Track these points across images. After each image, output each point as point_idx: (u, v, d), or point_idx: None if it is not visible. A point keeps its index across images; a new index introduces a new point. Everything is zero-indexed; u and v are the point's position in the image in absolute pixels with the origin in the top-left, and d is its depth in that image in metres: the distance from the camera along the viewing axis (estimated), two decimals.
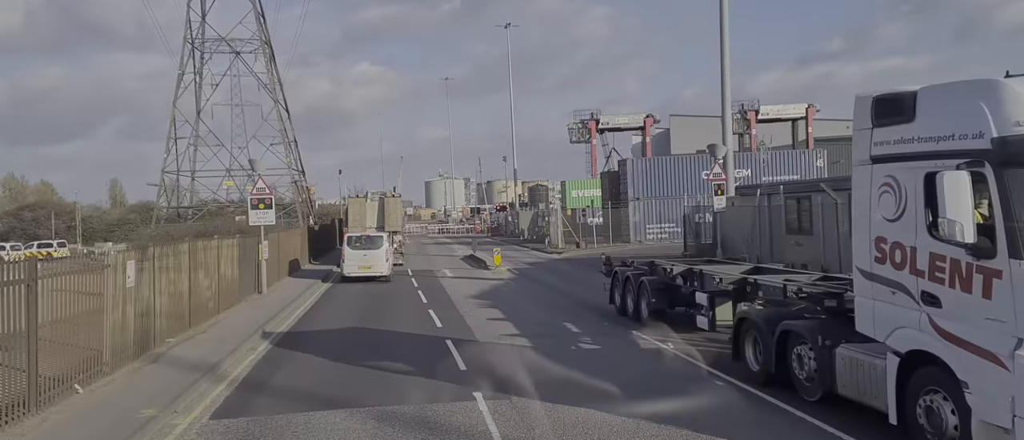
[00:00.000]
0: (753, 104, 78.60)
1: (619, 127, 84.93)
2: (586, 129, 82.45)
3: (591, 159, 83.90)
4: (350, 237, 31.21)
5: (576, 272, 32.61)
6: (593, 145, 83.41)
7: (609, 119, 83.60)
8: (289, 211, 55.54)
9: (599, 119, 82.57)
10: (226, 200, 56.42)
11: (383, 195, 39.10)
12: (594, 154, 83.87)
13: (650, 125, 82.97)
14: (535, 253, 45.61)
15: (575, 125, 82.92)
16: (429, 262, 41.05)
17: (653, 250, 41.69)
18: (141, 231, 46.32)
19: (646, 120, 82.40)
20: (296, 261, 34.93)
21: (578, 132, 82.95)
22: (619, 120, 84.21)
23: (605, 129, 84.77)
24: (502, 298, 23.83)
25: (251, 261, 24.38)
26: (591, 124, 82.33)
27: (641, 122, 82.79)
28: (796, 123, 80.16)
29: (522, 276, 31.54)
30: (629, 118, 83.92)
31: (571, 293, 24.47)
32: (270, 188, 25.21)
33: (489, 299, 23.52)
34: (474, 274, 32.96)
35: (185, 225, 47.11)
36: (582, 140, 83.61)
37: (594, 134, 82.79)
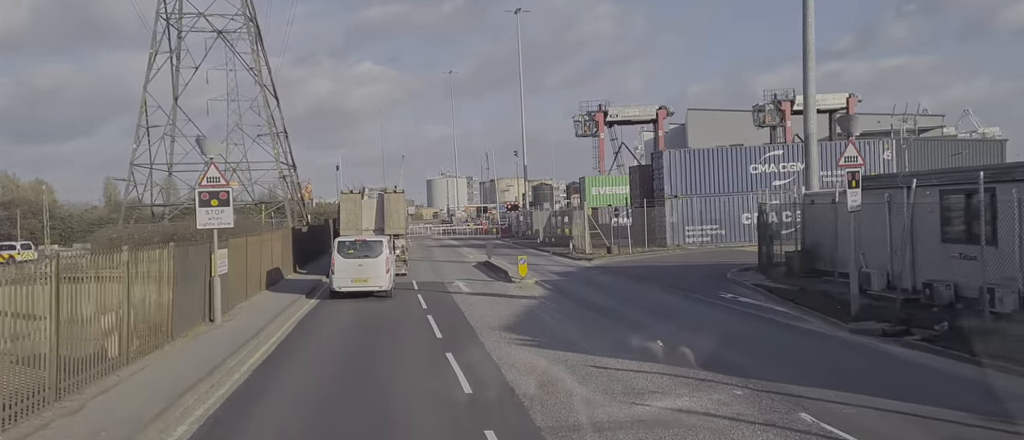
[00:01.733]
0: (788, 93, 71.73)
1: (629, 120, 77.95)
2: (593, 122, 75.53)
3: (599, 154, 77.08)
4: (341, 242, 24.42)
5: (624, 287, 25.77)
6: (601, 139, 76.50)
7: (618, 111, 76.60)
8: (279, 210, 48.81)
9: (607, 111, 75.63)
10: None
11: (383, 191, 32.28)
12: (602, 149, 76.96)
13: (663, 118, 76.03)
14: (559, 260, 38.79)
15: (581, 117, 75.93)
16: (437, 271, 34.22)
17: (702, 258, 34.91)
18: (98, 234, 39.49)
19: (659, 112, 75.41)
20: (276, 271, 28.13)
21: (584, 125, 75.95)
22: (629, 112, 77.20)
23: (614, 122, 77.80)
24: (548, 332, 16.99)
25: (199, 278, 17.57)
26: (598, 116, 75.38)
27: (653, 114, 75.84)
28: (834, 114, 73.30)
29: (557, 292, 24.71)
30: (640, 110, 76.91)
31: (646, 323, 17.61)
32: (225, 178, 18.24)
33: (530, 333, 16.70)
34: (495, 289, 26.15)
35: (157, 226, 40.24)
36: (589, 134, 76.70)
37: (602, 127, 75.93)
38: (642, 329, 16.13)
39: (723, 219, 40.96)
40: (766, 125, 73.21)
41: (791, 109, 72.12)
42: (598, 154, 77.36)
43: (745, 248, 38.61)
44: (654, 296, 22.66)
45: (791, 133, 71.82)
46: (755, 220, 40.96)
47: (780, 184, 40.77)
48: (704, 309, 19.60)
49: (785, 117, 72.23)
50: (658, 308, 20.03)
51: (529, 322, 18.32)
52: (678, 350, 13.10)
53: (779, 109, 72.82)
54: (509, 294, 24.37)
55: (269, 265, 26.82)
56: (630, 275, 29.23)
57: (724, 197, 41.04)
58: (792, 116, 72.32)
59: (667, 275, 28.19)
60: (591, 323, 17.86)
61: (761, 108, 73.64)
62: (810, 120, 25.71)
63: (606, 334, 16.10)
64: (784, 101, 72.40)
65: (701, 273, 28.22)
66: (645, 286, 25.49)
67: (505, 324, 17.95)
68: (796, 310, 17.98)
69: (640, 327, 16.40)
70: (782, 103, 72.52)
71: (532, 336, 16.14)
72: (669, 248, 40.27)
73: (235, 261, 20.90)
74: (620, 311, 19.78)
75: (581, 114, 76.37)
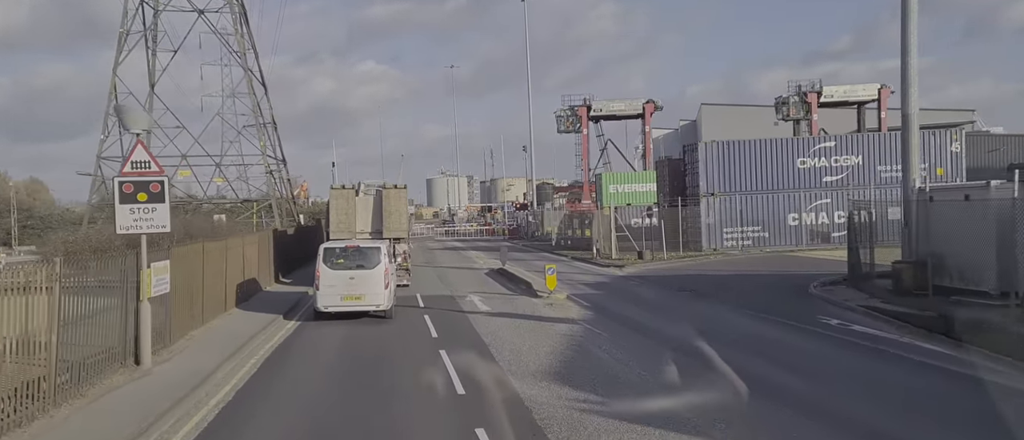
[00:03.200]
0: (814, 85, 66.35)
1: (614, 114, 72.46)
2: (576, 117, 70.18)
3: (583, 151, 71.86)
4: (328, 249, 19.11)
5: (682, 305, 20.45)
6: (584, 136, 71.14)
7: (603, 106, 71.10)
8: (267, 209, 43.50)
9: (591, 106, 70.30)
10: (185, 194, 44.38)
11: (381, 187, 27.01)
12: (585, 146, 71.65)
13: (651, 112, 70.62)
14: (584, 266, 33.50)
15: (564, 112, 70.50)
16: (444, 280, 28.91)
17: (753, 265, 29.62)
18: (54, 237, 34.18)
19: (646, 106, 69.96)
20: (251, 283, 22.83)
21: (567, 120, 70.41)
22: (615, 106, 71.66)
23: (599, 117, 72.48)
24: (616, 383, 11.70)
25: (118, 303, 12.28)
26: (582, 111, 69.94)
27: (640, 109, 70.45)
28: (863, 107, 67.98)
29: (600, 314, 19.37)
30: (626, 104, 71.43)
31: (753, 370, 12.27)
32: (158, 164, 12.83)
33: (590, 386, 11.42)
34: (520, 307, 20.83)
35: None
36: (571, 130, 71.40)
37: (585, 123, 70.65)
38: (758, 384, 10.84)
39: (766, 220, 35.69)
40: (790, 119, 67.77)
41: (817, 101, 66.72)
42: (582, 151, 72.19)
43: (796, 253, 33.37)
44: (731, 321, 17.36)
45: (817, 127, 66.52)
46: (802, 221, 35.87)
47: (832, 180, 35.53)
48: (819, 345, 14.28)
49: (811, 110, 66.78)
50: (752, 342, 14.72)
51: (583, 365, 13.02)
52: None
53: (804, 101, 67.43)
54: (539, 315, 19.05)
55: (240, 276, 21.50)
56: (677, 287, 23.94)
57: (766, 195, 35.78)
58: (819, 109, 67.05)
59: (725, 289, 22.90)
60: (671, 369, 12.54)
61: (784, 101, 68.20)
62: (911, 97, 20.38)
63: (705, 390, 10.79)
64: (810, 93, 67.01)
65: (768, 286, 22.95)
66: (708, 304, 20.19)
67: (550, 368, 12.66)
68: (956, 350, 12.68)
69: (751, 379, 11.08)
70: (808, 95, 67.12)
71: (595, 392, 10.84)
72: (706, 253, 34.97)
73: (185, 275, 15.62)
74: (700, 346, 14.44)
75: (564, 109, 71.10)
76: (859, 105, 68.01)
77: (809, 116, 66.22)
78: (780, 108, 68.61)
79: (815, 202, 35.46)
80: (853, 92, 66.94)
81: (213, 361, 13.27)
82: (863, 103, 67.64)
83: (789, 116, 67.40)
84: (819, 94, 66.58)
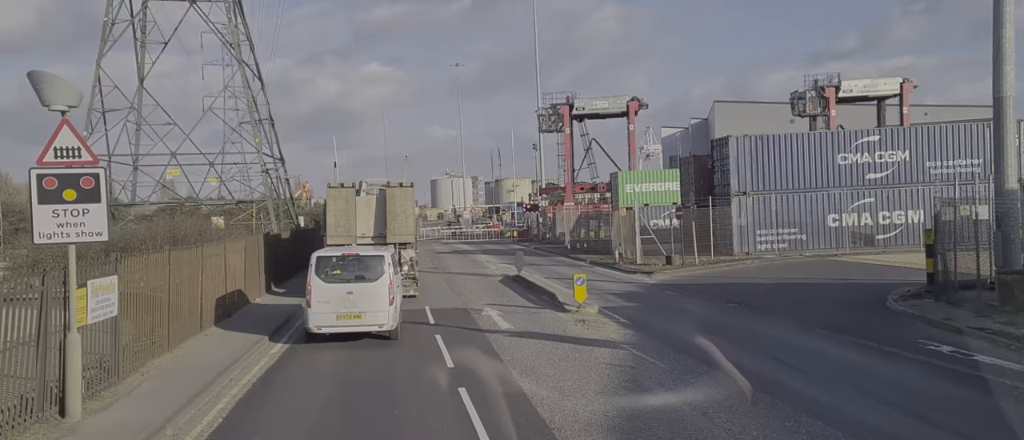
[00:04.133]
0: (831, 79, 63.11)
1: (598, 113, 69.35)
2: (558, 116, 67.10)
3: (565, 152, 68.70)
4: (321, 258, 15.99)
5: (736, 322, 17.31)
6: (567, 135, 68.04)
7: (585, 104, 67.97)
8: (265, 211, 40.44)
9: (574, 104, 67.26)
10: (179, 196, 41.33)
11: (385, 186, 23.94)
12: (568, 146, 68.56)
13: (635, 110, 67.46)
14: (607, 273, 30.40)
15: (545, 111, 67.53)
16: (455, 289, 25.82)
17: (797, 272, 26.48)
18: (22, 241, 31.16)
19: (630, 104, 66.85)
20: (235, 296, 19.76)
21: (548, 119, 67.32)
22: (597, 104, 68.58)
23: (582, 115, 69.41)
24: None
25: (37, 333, 9.21)
26: (564, 109, 66.80)
27: (624, 107, 67.33)
28: (884, 103, 64.71)
29: (642, 333, 16.22)
30: (610, 102, 68.28)
31: (875, 425, 9.12)
32: (92, 153, 9.70)
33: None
34: (547, 324, 17.70)
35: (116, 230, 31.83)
36: (553, 129, 68.40)
37: (567, 122, 67.61)
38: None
39: (804, 221, 32.56)
40: (806, 114, 64.52)
41: (836, 96, 63.46)
42: (564, 152, 69.05)
43: (840, 258, 30.23)
44: (808, 346, 14.23)
45: (834, 124, 63.30)
46: (842, 222, 32.71)
47: (876, 177, 32.37)
48: (949, 386, 11.08)
49: (829, 105, 63.44)
50: (858, 380, 11.57)
51: (647, 412, 9.91)
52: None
53: (822, 96, 64.17)
54: (572, 335, 15.93)
55: (222, 288, 18.41)
56: (722, 298, 20.83)
57: (804, 194, 32.65)
58: (837, 105, 63.79)
59: (778, 300, 19.81)
60: (760, 419, 9.41)
61: (801, 96, 64.91)
62: (1006, 76, 17.22)
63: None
64: (827, 87, 63.74)
65: (831, 298, 19.83)
66: (767, 321, 17.07)
67: (604, 417, 9.57)
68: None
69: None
70: (825, 89, 63.84)
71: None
72: (738, 257, 31.82)
73: (144, 291, 12.56)
74: (781, 379, 11.33)
75: (544, 108, 68.06)
76: (880, 100, 64.76)
77: (826, 112, 62.91)
78: (796, 104, 65.34)
79: (857, 201, 32.31)
80: (874, 86, 63.62)
81: (169, 406, 10.19)
82: (884, 98, 64.39)
83: (805, 111, 64.08)
84: (837, 89, 63.19)
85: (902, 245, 31.63)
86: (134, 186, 42.11)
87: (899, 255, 29.35)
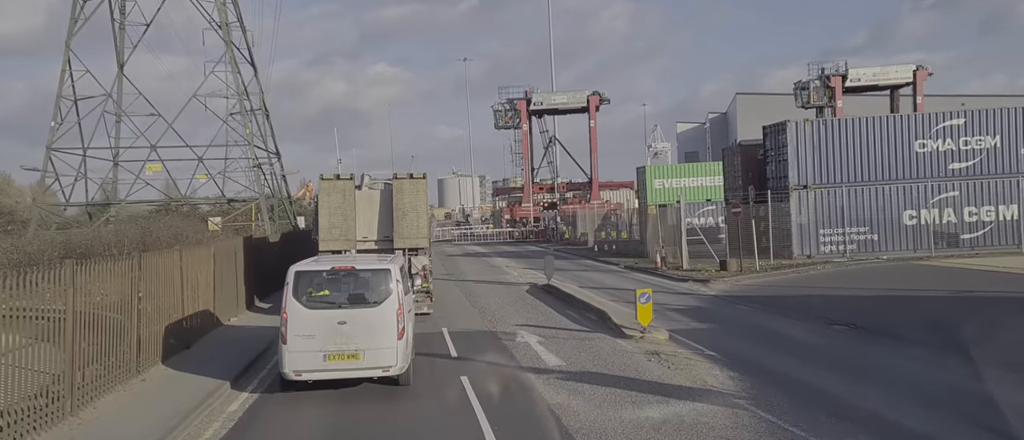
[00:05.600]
0: (838, 67, 58.18)
1: (556, 108, 65.10)
2: (515, 111, 62.77)
3: (523, 149, 64.14)
4: (303, 274, 11.32)
5: (854, 351, 12.53)
6: (524, 132, 63.66)
7: (543, 99, 63.86)
8: (254, 208, 35.85)
9: (531, 99, 62.94)
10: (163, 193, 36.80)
11: (391, 180, 19.27)
12: (525, 143, 64.12)
13: (596, 105, 62.97)
14: (651, 280, 25.75)
15: (501, 106, 63.28)
16: (475, 303, 21.20)
17: (893, 279, 21.79)
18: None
19: (590, 99, 62.47)
20: (200, 318, 15.19)
21: (505, 115, 63.29)
22: (556, 99, 64.37)
23: (540, 111, 65.12)
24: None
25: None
26: (521, 105, 62.61)
27: (584, 102, 63.01)
28: (897, 93, 59.84)
29: (749, 374, 11.53)
30: (569, 97, 64.04)
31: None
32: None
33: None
34: (607, 358, 13.01)
35: (78, 233, 27.33)
36: (510, 125, 64.03)
37: (525, 117, 63.16)
38: None
39: (874, 218, 27.80)
40: (811, 105, 59.80)
41: (842, 85, 58.50)
42: (521, 149, 64.61)
43: (924, 261, 25.50)
44: (1016, 400, 9.56)
45: (842, 115, 58.50)
46: (921, 219, 27.95)
47: (960, 167, 27.64)
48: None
49: (835, 96, 58.56)
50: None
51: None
52: None
53: (827, 86, 59.24)
54: (651, 379, 11.28)
55: (177, 311, 13.82)
56: (818, 317, 16.18)
57: (874, 187, 27.92)
58: (844, 95, 58.86)
59: (900, 320, 15.12)
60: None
61: (805, 85, 60.06)
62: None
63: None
64: (834, 77, 58.83)
65: (979, 317, 15.08)
66: (911, 353, 12.40)
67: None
68: None
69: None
70: (831, 79, 58.92)
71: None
72: (799, 261, 27.08)
73: (28, 327, 7.97)
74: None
75: (501, 103, 63.66)
76: (893, 89, 59.89)
77: (832, 102, 58.03)
78: (800, 94, 60.53)
79: (939, 195, 27.56)
80: (884, 75, 58.67)
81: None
82: (897, 86, 59.50)
83: (810, 102, 59.35)
84: (844, 78, 58.11)
85: (992, 246, 26.90)
86: (114, 184, 37.59)
87: (997, 258, 24.67)
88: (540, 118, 67.30)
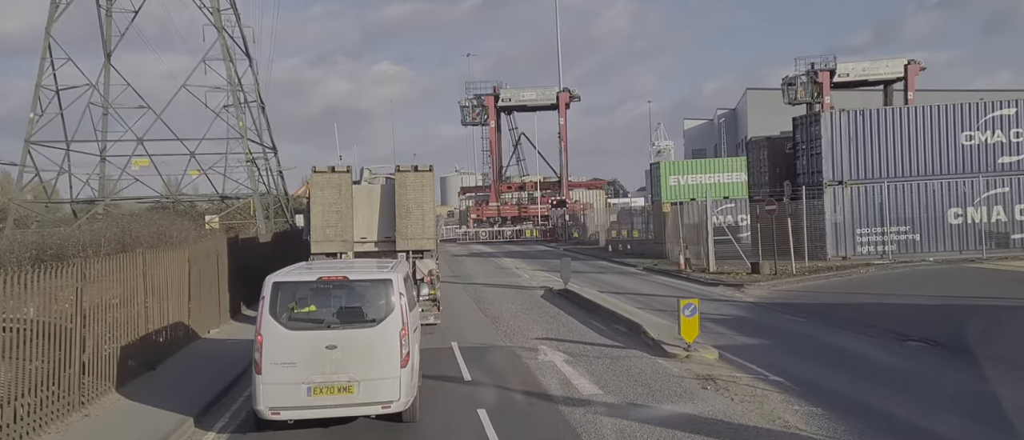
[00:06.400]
0: (827, 61, 56.02)
1: (525, 105, 63.06)
2: (482, 107, 60.73)
3: (490, 145, 61.85)
4: (282, 285, 9.01)
5: (947, 379, 10.13)
6: (491, 128, 61.62)
7: (512, 95, 61.92)
8: (246, 206, 33.67)
9: (499, 95, 60.91)
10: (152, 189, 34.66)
11: (394, 175, 16.98)
12: (493, 140, 61.91)
13: (565, 102, 60.87)
14: (676, 283, 23.54)
15: (468, 102, 61.27)
16: (487, 311, 18.93)
17: (944, 287, 19.50)
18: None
19: (560, 96, 60.35)
20: (172, 330, 12.96)
21: (472, 111, 61.54)
22: (525, 96, 62.33)
23: (509, 107, 63.05)
24: None
25: None
26: (489, 101, 60.53)
27: (553, 99, 60.96)
28: (890, 88, 57.61)
29: (841, 410, 9.28)
30: (538, 93, 62.03)
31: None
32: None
33: None
34: (652, 385, 10.73)
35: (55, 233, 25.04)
36: (478, 122, 62.04)
37: (493, 114, 61.06)
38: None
39: (916, 216, 25.55)
40: (799, 101, 57.68)
41: (830, 81, 56.25)
42: (489, 145, 62.25)
43: (977, 263, 23.19)
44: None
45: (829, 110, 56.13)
46: (968, 218, 25.67)
47: (1010, 161, 25.37)
48: None
49: (823, 91, 56.29)
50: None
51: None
52: None
53: (815, 82, 56.95)
54: (717, 415, 9.00)
55: (141, 326, 11.57)
56: (883, 330, 13.97)
57: (916, 182, 25.66)
58: (832, 90, 56.53)
59: (987, 335, 12.82)
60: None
61: (792, 81, 57.85)
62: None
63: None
64: (821, 71, 56.59)
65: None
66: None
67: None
68: None
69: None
70: (819, 74, 56.64)
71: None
72: (834, 262, 24.80)
73: None
74: None
75: (468, 99, 61.51)
76: (886, 85, 57.57)
77: (820, 98, 55.80)
78: (787, 90, 58.40)
79: (987, 191, 25.28)
80: (873, 69, 56.46)
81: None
82: (890, 83, 57.23)
83: (798, 98, 57.20)
84: (832, 73, 55.95)
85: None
86: (101, 180, 35.32)
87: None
88: (509, 115, 65.36)
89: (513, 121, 66.72)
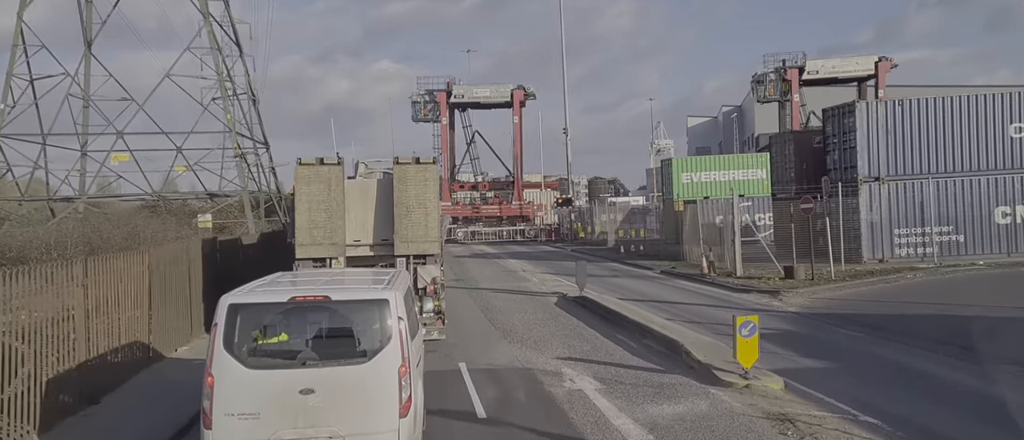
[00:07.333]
0: (796, 58, 54.07)
1: (478, 102, 60.76)
2: (435, 104, 58.57)
3: (442, 143, 59.80)
4: (240, 309, 6.77)
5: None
6: (443, 126, 59.44)
7: (465, 91, 59.69)
8: (240, 205, 31.42)
9: (452, 91, 58.70)
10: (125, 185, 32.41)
11: (390, 169, 14.71)
12: (444, 137, 59.75)
13: (520, 100, 58.68)
14: (702, 290, 21.35)
15: (420, 98, 59.21)
16: (496, 322, 16.71)
17: (1013, 295, 17.31)
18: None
19: (515, 93, 58.14)
20: (127, 351, 10.78)
21: (424, 107, 59.33)
22: (478, 93, 60.09)
23: (462, 104, 60.80)
24: None
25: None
26: (441, 96, 58.35)
27: (507, 96, 58.70)
28: (864, 85, 55.65)
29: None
30: (492, 91, 59.77)
31: None
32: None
33: None
34: (718, 432, 8.58)
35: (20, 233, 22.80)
36: (430, 118, 59.84)
37: (445, 111, 58.94)
38: None
39: (960, 216, 23.39)
40: (769, 99, 55.77)
41: (800, 78, 54.23)
42: (441, 143, 60.14)
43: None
44: None
45: (799, 110, 54.13)
46: (1017, 217, 23.53)
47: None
48: None
49: (793, 89, 54.29)
50: None
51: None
52: None
53: (784, 79, 54.94)
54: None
55: (82, 351, 9.38)
56: (967, 349, 11.75)
57: (960, 179, 23.50)
58: (802, 87, 54.49)
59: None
60: None
61: (760, 79, 55.91)
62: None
63: None
64: (790, 69, 54.55)
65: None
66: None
67: None
68: None
69: None
70: (788, 71, 54.62)
71: None
72: (871, 265, 22.65)
73: None
74: None
75: (420, 94, 59.30)
76: (859, 81, 55.56)
77: (789, 96, 53.78)
78: (755, 88, 56.44)
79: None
80: (843, 67, 54.53)
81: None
82: (861, 80, 55.26)
83: (767, 96, 55.30)
84: (801, 70, 53.97)
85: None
86: (82, 176, 33.09)
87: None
88: (463, 112, 63.15)
89: (467, 118, 64.46)
